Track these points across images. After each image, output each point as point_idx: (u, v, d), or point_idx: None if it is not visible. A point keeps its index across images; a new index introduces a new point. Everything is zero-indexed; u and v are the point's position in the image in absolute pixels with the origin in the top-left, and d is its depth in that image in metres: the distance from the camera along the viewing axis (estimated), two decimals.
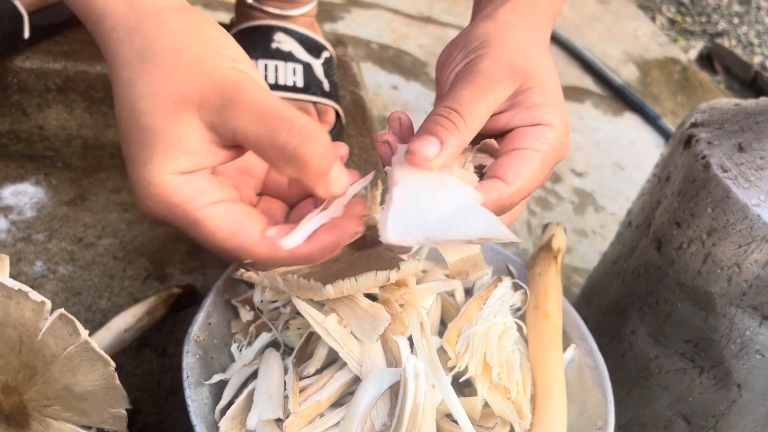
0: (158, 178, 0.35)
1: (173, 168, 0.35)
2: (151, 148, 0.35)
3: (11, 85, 0.79)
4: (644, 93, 1.43)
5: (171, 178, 0.35)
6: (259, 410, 0.44)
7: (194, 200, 0.36)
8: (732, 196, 0.56)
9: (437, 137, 0.39)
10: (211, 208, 0.36)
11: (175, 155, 0.35)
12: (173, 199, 0.36)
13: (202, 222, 0.36)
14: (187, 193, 0.36)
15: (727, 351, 0.59)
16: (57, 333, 0.48)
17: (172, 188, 0.35)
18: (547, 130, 0.43)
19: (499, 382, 0.48)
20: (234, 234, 0.36)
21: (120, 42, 0.38)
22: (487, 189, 0.40)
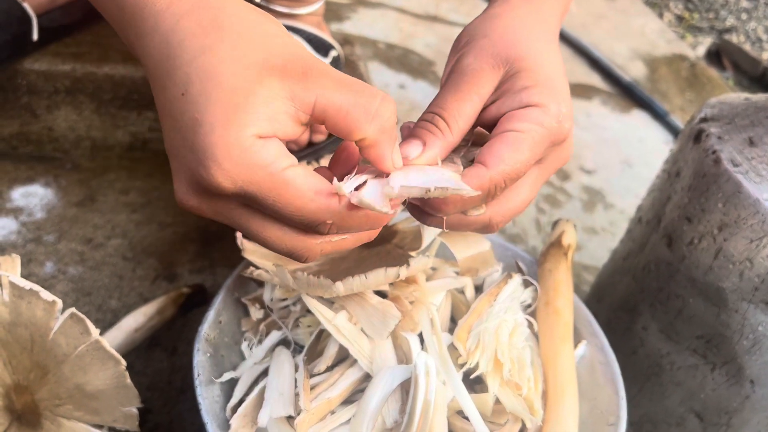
0: (241, 140, 0.34)
1: (255, 130, 0.34)
2: (233, 109, 0.34)
3: (20, 87, 0.79)
4: (652, 90, 1.42)
5: (253, 140, 0.34)
6: (270, 408, 0.44)
7: (277, 162, 0.35)
8: (743, 191, 0.55)
9: (420, 139, 0.41)
10: (292, 170, 0.35)
11: (258, 118, 0.34)
12: (257, 161, 0.34)
13: (289, 182, 0.35)
14: (272, 154, 0.35)
15: (740, 347, 0.58)
16: (68, 332, 0.48)
17: (256, 149, 0.34)
18: (534, 110, 0.42)
19: (510, 379, 0.48)
20: (318, 193, 0.35)
21: (185, 13, 0.36)
22: (467, 174, 0.41)
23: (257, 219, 0.37)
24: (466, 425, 0.46)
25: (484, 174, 0.40)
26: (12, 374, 0.52)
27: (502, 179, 0.41)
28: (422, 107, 1.17)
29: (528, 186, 0.45)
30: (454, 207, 0.41)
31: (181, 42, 0.36)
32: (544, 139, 0.42)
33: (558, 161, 0.46)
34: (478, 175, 0.40)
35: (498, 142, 0.41)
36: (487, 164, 0.41)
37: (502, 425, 0.47)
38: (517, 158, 0.41)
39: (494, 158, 0.41)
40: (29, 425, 0.53)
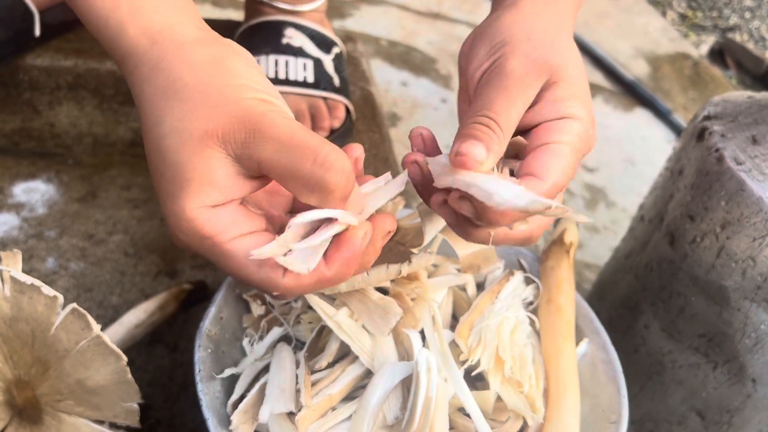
0: (188, 212, 0.36)
1: (202, 202, 0.36)
2: (179, 184, 0.36)
3: (22, 82, 0.79)
4: (655, 88, 1.42)
5: (201, 212, 0.36)
6: (272, 404, 0.44)
7: (223, 233, 0.36)
8: (746, 189, 0.55)
9: (482, 142, 0.39)
10: (240, 240, 0.36)
11: (203, 190, 0.36)
12: (203, 233, 0.36)
13: (232, 254, 0.36)
14: (217, 226, 0.36)
15: (742, 345, 0.58)
16: (69, 327, 0.48)
17: (201, 222, 0.36)
18: (572, 122, 0.42)
19: (512, 376, 0.48)
20: (262, 265, 0.36)
21: (144, 79, 0.38)
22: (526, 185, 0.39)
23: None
24: (467, 422, 0.46)
25: (540, 186, 0.39)
26: (13, 369, 0.52)
27: (555, 191, 0.40)
28: (424, 105, 1.17)
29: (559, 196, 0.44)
30: (511, 219, 0.39)
31: (144, 108, 0.38)
32: (581, 151, 0.42)
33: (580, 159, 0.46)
34: (534, 187, 0.39)
35: (546, 154, 0.41)
36: (541, 176, 0.40)
37: (503, 423, 0.47)
38: (565, 170, 0.41)
39: (546, 170, 0.40)
40: (30, 421, 0.53)
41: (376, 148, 0.80)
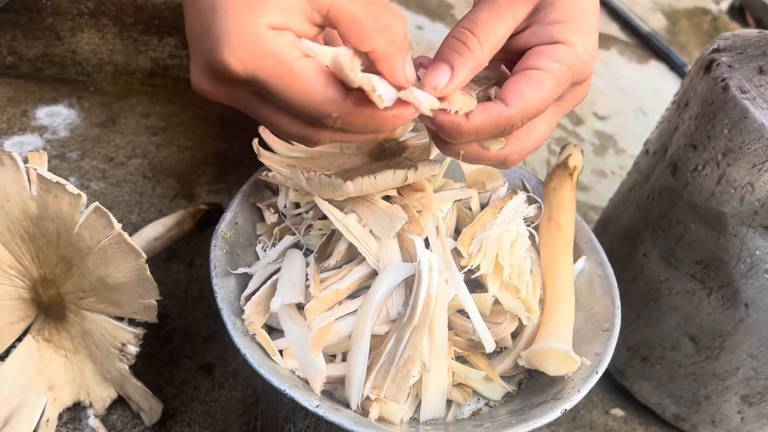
0: (255, 27, 0.35)
1: (269, 20, 0.35)
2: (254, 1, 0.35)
3: (45, 7, 0.81)
4: (671, 42, 1.42)
5: (266, 29, 0.35)
6: (282, 295, 0.46)
7: (288, 52, 0.36)
8: (749, 116, 0.56)
9: (447, 63, 0.40)
10: (303, 60, 0.36)
11: (273, 10, 0.35)
12: (269, 49, 0.35)
13: (297, 72, 0.36)
14: (283, 44, 0.36)
15: (737, 271, 0.60)
16: (92, 226, 0.51)
17: (268, 38, 0.35)
18: (561, 48, 0.42)
19: (510, 282, 0.50)
20: (328, 84, 0.36)
21: None
22: (486, 111, 0.40)
23: (266, 107, 0.39)
24: (465, 323, 0.49)
25: (503, 111, 0.40)
26: (39, 268, 0.55)
27: (520, 118, 0.41)
28: None
29: (545, 123, 0.45)
30: (466, 137, 0.41)
31: None
32: (566, 79, 0.42)
33: (576, 99, 0.46)
34: (496, 112, 0.40)
35: (521, 80, 0.41)
36: (507, 102, 0.40)
37: (499, 324, 0.50)
38: (538, 97, 0.41)
39: (515, 96, 0.40)
40: (55, 318, 0.56)
41: None
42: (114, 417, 0.58)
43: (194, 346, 0.65)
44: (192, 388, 0.62)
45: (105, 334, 0.54)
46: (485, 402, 0.51)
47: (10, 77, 0.84)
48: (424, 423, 0.48)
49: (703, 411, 0.69)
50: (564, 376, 0.48)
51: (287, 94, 0.36)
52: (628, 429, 0.72)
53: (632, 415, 0.73)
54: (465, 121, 0.40)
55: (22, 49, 0.83)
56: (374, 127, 0.38)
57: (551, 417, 0.45)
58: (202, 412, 0.60)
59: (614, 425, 0.72)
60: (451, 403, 0.50)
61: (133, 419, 0.58)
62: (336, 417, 0.42)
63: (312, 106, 0.37)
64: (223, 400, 0.62)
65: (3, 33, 0.81)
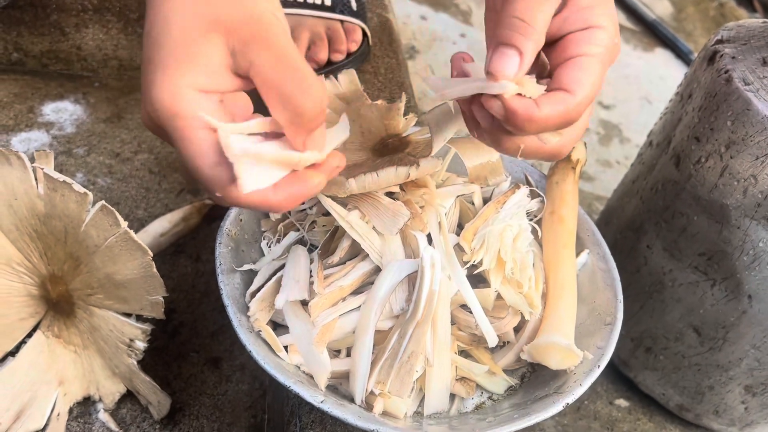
0: (176, 86, 0.36)
1: (192, 82, 0.37)
2: (176, 58, 0.37)
3: (50, 4, 0.81)
4: (677, 29, 1.41)
5: (188, 90, 0.37)
6: (287, 292, 0.47)
7: (198, 119, 0.36)
8: (752, 108, 0.56)
9: (514, 46, 0.40)
10: (205, 132, 0.37)
11: (197, 70, 0.37)
12: (181, 110, 0.36)
13: (198, 142, 0.36)
14: (196, 110, 0.37)
15: (740, 263, 0.60)
16: (99, 224, 0.51)
17: (186, 99, 0.36)
18: (598, 32, 0.42)
19: (512, 277, 0.50)
20: (218, 164, 0.36)
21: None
22: (553, 101, 0.40)
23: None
24: (468, 317, 0.49)
25: (571, 101, 0.40)
26: (47, 265, 0.56)
27: (585, 105, 0.41)
28: (443, 39, 1.18)
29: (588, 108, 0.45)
30: (535, 127, 0.40)
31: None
32: (608, 60, 0.43)
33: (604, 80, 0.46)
34: (565, 102, 0.40)
35: (575, 68, 0.41)
36: (572, 91, 0.40)
37: (502, 318, 0.50)
38: (594, 82, 0.41)
39: (577, 84, 0.40)
40: (64, 314, 0.57)
41: (392, 72, 0.81)
42: (123, 411, 0.59)
43: (201, 340, 0.66)
44: (200, 382, 0.63)
45: (113, 330, 0.55)
46: (488, 396, 0.51)
47: (16, 73, 0.85)
48: (427, 417, 0.48)
49: (707, 401, 0.70)
50: (566, 370, 0.49)
51: (184, 156, 0.37)
52: (632, 419, 0.73)
53: (636, 405, 0.74)
54: (537, 110, 0.40)
55: (27, 45, 0.84)
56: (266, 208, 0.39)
57: (553, 411, 0.45)
58: (210, 406, 0.61)
59: (618, 415, 0.73)
60: (455, 397, 0.50)
61: (142, 413, 0.59)
62: (340, 412, 0.42)
63: (201, 175, 0.37)
64: (230, 394, 0.62)
65: (8, 30, 0.82)
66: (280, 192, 0.38)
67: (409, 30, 1.16)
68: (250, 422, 0.61)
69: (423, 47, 1.14)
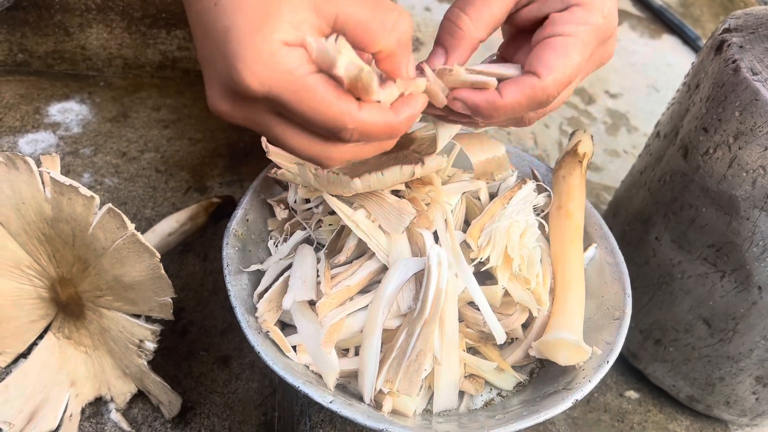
0: (269, 45, 0.36)
1: (282, 37, 0.36)
2: (263, 17, 0.36)
3: (53, 4, 0.81)
4: (684, 15, 1.39)
5: (280, 46, 0.36)
6: (294, 292, 0.47)
7: (301, 67, 0.36)
8: (761, 98, 0.56)
9: (441, 46, 0.42)
10: (315, 76, 0.37)
11: (284, 26, 0.36)
12: (284, 65, 0.36)
13: (312, 86, 0.36)
14: (296, 60, 0.36)
15: (750, 254, 0.60)
16: (106, 226, 0.51)
17: (282, 54, 0.36)
18: (577, 10, 0.41)
19: (520, 274, 0.50)
20: (340, 97, 0.37)
21: None
22: (518, 87, 0.40)
23: (282, 125, 0.39)
24: (476, 314, 0.49)
25: (536, 83, 0.40)
26: (56, 268, 0.56)
27: (554, 88, 0.41)
28: None
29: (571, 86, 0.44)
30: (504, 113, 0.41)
31: None
32: (591, 39, 0.42)
33: (602, 57, 0.45)
34: (529, 84, 0.40)
35: (546, 49, 0.41)
36: (539, 74, 0.40)
37: (509, 315, 0.50)
38: (568, 64, 0.40)
39: (545, 67, 0.40)
40: (73, 315, 0.58)
41: None
42: (135, 411, 0.59)
43: (211, 338, 0.66)
44: (210, 381, 0.63)
45: (123, 330, 0.55)
46: (497, 392, 0.51)
47: (21, 74, 0.85)
48: (437, 415, 0.49)
49: (718, 392, 0.69)
50: (575, 366, 0.49)
51: (303, 109, 0.37)
52: (643, 411, 0.73)
53: (646, 397, 0.74)
54: (499, 97, 0.40)
55: (32, 46, 0.84)
56: (390, 133, 0.39)
57: (563, 407, 0.45)
58: (221, 404, 0.62)
59: (628, 407, 0.73)
60: (464, 394, 0.50)
61: (153, 412, 0.59)
62: (349, 412, 0.43)
63: (328, 118, 0.37)
64: (240, 392, 0.63)
65: (13, 31, 0.82)
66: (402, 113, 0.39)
67: (414, 22, 1.15)
68: (261, 420, 0.61)
69: (428, 39, 1.13)
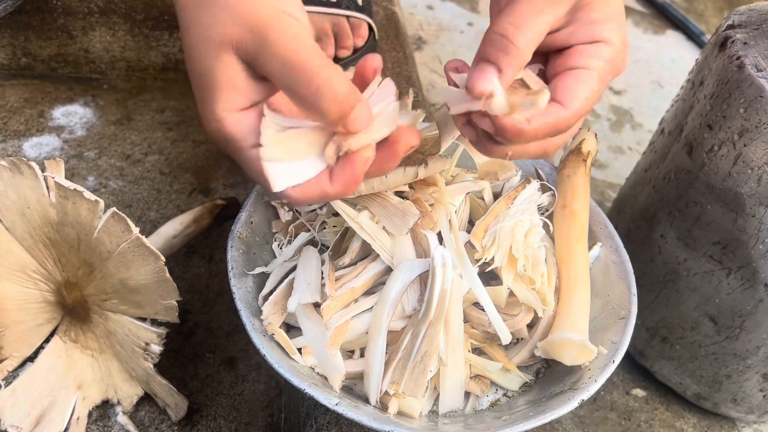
0: (216, 115, 0.38)
1: (228, 106, 0.38)
2: (207, 89, 0.38)
3: (56, 8, 0.81)
4: (688, 10, 1.39)
5: (228, 114, 0.38)
6: (299, 295, 0.47)
7: (248, 138, 0.38)
8: (765, 95, 0.55)
9: (493, 64, 0.40)
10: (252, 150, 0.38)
11: (228, 95, 0.38)
12: (229, 136, 0.38)
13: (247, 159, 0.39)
14: (243, 130, 0.38)
15: (756, 251, 0.60)
16: (111, 230, 0.52)
17: (228, 125, 0.38)
18: (603, 47, 0.42)
19: (524, 274, 0.50)
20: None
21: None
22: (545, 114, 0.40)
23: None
24: (481, 315, 0.49)
25: (563, 114, 0.40)
26: (62, 272, 0.56)
27: (576, 117, 0.41)
28: (450, 28, 1.17)
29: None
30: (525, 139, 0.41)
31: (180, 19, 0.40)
32: (609, 74, 0.43)
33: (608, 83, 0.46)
34: (555, 115, 0.40)
35: (573, 80, 0.41)
36: (564, 104, 0.41)
37: (515, 316, 0.50)
38: (588, 96, 0.41)
39: (570, 97, 0.41)
40: (80, 319, 0.58)
41: (399, 66, 0.81)
42: (142, 413, 0.59)
43: (217, 340, 0.66)
44: (216, 383, 0.63)
45: (129, 334, 0.56)
46: (503, 392, 0.51)
47: (25, 78, 0.85)
48: (443, 416, 0.49)
49: (725, 390, 0.69)
50: (581, 366, 0.49)
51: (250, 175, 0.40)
52: (649, 409, 0.73)
53: (653, 394, 0.74)
54: (527, 124, 0.40)
55: (35, 49, 0.84)
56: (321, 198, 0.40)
57: (569, 408, 0.45)
58: (227, 406, 0.62)
59: (635, 405, 0.73)
60: (470, 395, 0.50)
61: (160, 415, 0.60)
62: (355, 414, 0.43)
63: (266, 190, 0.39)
64: (246, 394, 0.63)
65: (16, 35, 0.82)
66: (336, 183, 0.39)
67: (416, 20, 1.15)
68: (267, 422, 0.61)
69: (430, 37, 1.13)
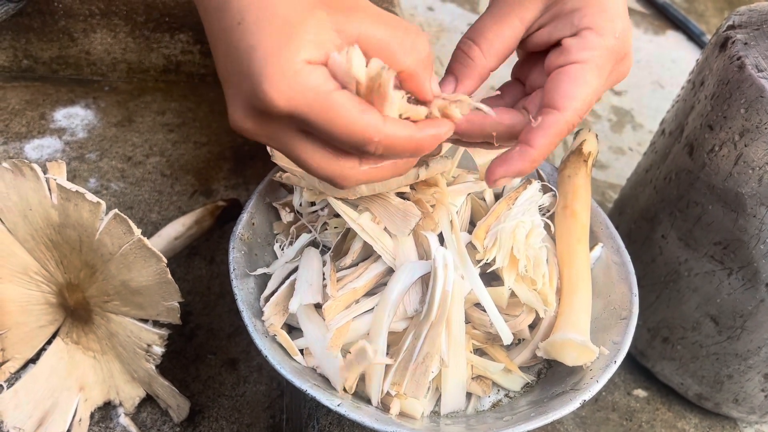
0: (293, 63, 0.36)
1: (305, 56, 0.36)
2: (287, 37, 0.36)
3: (57, 10, 0.81)
4: (689, 10, 1.39)
5: (303, 65, 0.36)
6: (300, 296, 0.47)
7: (325, 84, 0.37)
8: (766, 95, 0.55)
9: (452, 75, 0.43)
10: (339, 92, 0.37)
11: (308, 46, 0.36)
12: (307, 83, 0.36)
13: (337, 102, 0.37)
14: (320, 77, 0.37)
15: (757, 251, 0.60)
16: (112, 232, 0.52)
17: (306, 73, 0.36)
18: (590, 35, 0.41)
19: (526, 274, 0.50)
20: (364, 111, 0.37)
21: None
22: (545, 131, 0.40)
23: (304, 143, 0.39)
24: (482, 316, 0.49)
25: (560, 119, 0.40)
26: (64, 273, 0.56)
27: (578, 115, 0.40)
28: (450, 29, 1.17)
29: None
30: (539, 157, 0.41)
31: None
32: (606, 62, 0.41)
33: (618, 76, 0.45)
34: (556, 122, 0.40)
35: (563, 78, 0.40)
36: (559, 107, 0.40)
37: (516, 316, 0.50)
38: (587, 91, 0.40)
39: (564, 98, 0.40)
40: (82, 320, 0.58)
41: None
42: (144, 415, 0.59)
43: (218, 341, 0.66)
44: (218, 384, 0.63)
45: (130, 335, 0.56)
46: (505, 393, 0.51)
47: (26, 80, 0.85)
48: (444, 416, 0.49)
49: (726, 390, 0.69)
50: (583, 366, 0.49)
51: (329, 125, 0.37)
52: (651, 409, 0.73)
53: (655, 395, 0.74)
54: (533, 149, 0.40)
55: (37, 51, 0.84)
56: (413, 148, 0.39)
57: (570, 408, 0.45)
58: (229, 407, 0.62)
59: (637, 406, 0.73)
60: (471, 396, 0.51)
61: (162, 416, 0.60)
62: (357, 415, 0.43)
63: (354, 132, 0.37)
64: (248, 395, 0.63)
65: (18, 37, 0.82)
66: (424, 130, 0.39)
67: (416, 21, 1.15)
68: (269, 423, 0.61)
69: (431, 39, 1.13)
